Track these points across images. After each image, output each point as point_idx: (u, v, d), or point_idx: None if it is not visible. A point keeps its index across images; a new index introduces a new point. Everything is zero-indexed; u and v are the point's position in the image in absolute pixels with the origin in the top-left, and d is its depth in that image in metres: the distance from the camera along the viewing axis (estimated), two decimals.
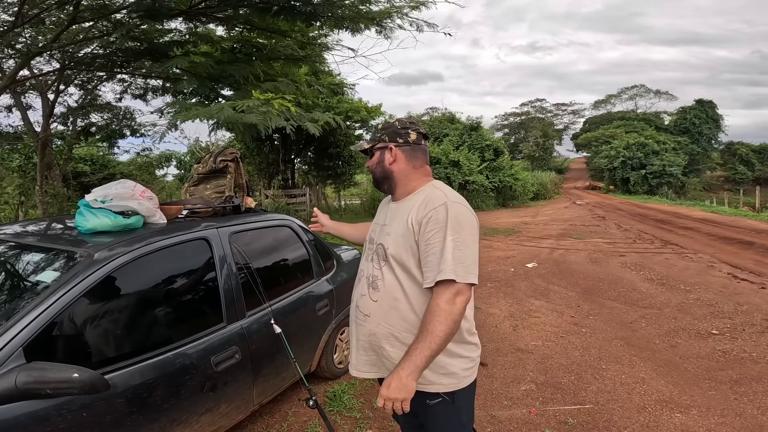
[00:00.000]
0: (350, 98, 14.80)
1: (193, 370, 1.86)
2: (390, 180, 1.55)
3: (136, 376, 1.67)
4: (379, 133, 1.57)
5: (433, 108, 39.83)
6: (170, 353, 1.81)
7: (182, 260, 2.06)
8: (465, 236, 1.37)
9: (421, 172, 1.54)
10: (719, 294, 5.26)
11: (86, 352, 1.64)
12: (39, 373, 1.27)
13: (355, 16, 5.18)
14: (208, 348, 1.95)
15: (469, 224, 1.40)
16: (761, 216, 14.96)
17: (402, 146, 1.53)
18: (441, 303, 1.31)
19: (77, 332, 1.61)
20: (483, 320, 4.50)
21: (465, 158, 19.03)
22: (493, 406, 2.88)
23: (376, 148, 1.57)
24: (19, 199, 10.72)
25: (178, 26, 5.98)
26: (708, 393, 3.00)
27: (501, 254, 8.00)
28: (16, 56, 6.55)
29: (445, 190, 1.48)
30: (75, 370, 1.28)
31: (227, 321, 2.09)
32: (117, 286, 1.75)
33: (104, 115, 10.91)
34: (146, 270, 1.88)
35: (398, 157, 1.53)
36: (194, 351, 1.90)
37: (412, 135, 1.54)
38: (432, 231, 1.36)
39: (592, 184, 39.58)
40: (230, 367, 2.01)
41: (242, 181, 2.60)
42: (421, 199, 1.45)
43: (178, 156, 19.19)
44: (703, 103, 38.73)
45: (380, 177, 1.57)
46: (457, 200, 1.42)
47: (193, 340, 1.92)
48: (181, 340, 1.88)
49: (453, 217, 1.36)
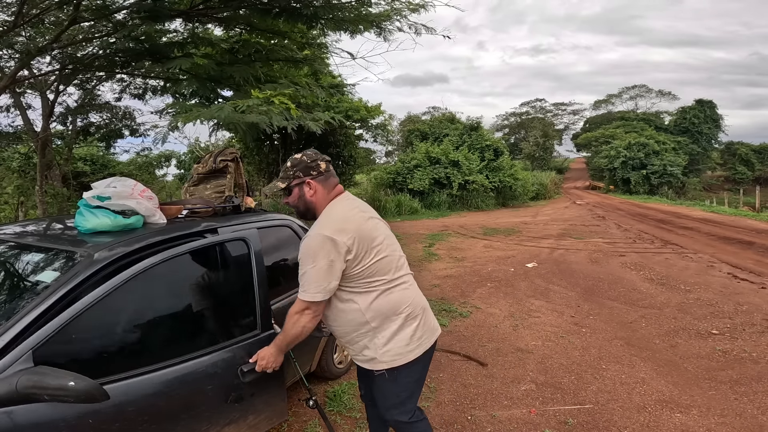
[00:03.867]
0: (350, 98, 14.80)
1: (217, 379, 1.76)
2: (311, 209, 1.77)
3: (151, 384, 1.60)
4: (292, 171, 1.75)
5: (434, 107, 39.82)
6: (191, 361, 1.73)
7: (219, 262, 1.98)
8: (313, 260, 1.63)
9: (334, 193, 1.78)
10: (719, 294, 5.26)
11: (101, 357, 1.59)
12: (38, 378, 1.25)
13: (355, 19, 5.18)
14: (238, 356, 1.84)
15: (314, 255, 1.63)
16: (761, 216, 14.96)
17: (317, 178, 1.73)
18: (291, 312, 1.68)
19: (94, 336, 1.56)
20: (483, 320, 4.50)
21: (465, 158, 19.02)
22: (493, 406, 2.88)
23: (294, 185, 1.75)
24: (18, 199, 10.72)
25: (178, 27, 5.98)
26: (708, 393, 3.00)
27: (501, 254, 8.01)
28: (15, 56, 6.54)
29: (321, 217, 1.73)
30: (72, 378, 1.26)
31: (261, 329, 1.96)
32: (143, 288, 1.69)
33: (103, 114, 10.91)
34: (176, 272, 1.82)
35: (316, 188, 1.73)
36: (219, 359, 1.79)
37: (321, 165, 1.75)
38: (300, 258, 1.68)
39: (592, 184, 39.56)
40: (258, 378, 1.85)
41: (242, 181, 2.60)
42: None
43: (178, 156, 19.20)
44: (703, 103, 38.68)
45: (303, 209, 1.78)
46: (316, 229, 1.66)
47: (221, 348, 1.83)
48: (209, 347, 1.80)
49: (308, 246, 1.64)
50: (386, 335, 1.72)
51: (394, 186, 18.82)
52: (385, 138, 19.83)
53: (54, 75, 7.78)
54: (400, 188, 18.58)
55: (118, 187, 1.98)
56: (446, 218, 15.27)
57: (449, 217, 15.91)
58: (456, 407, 2.87)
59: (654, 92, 52.35)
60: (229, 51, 6.02)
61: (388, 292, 1.72)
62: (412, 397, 1.85)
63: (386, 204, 16.31)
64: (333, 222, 1.68)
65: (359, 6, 5.11)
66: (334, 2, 4.95)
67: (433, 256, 7.90)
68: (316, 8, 4.77)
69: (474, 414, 2.79)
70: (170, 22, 5.49)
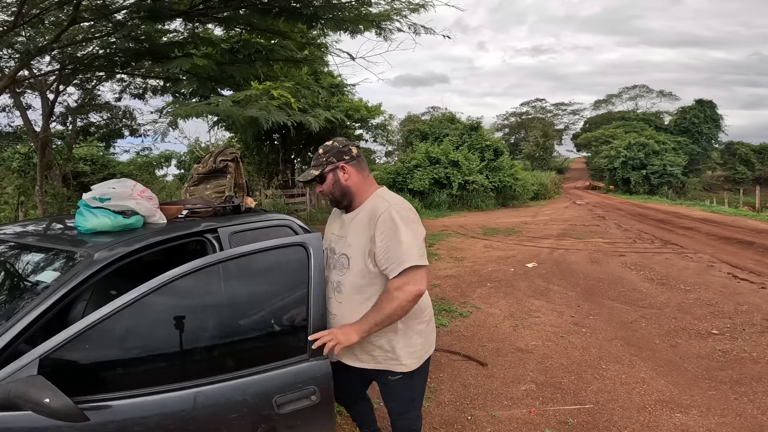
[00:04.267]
0: (350, 98, 14.80)
1: (243, 408, 1.52)
2: (348, 195, 1.72)
3: (164, 404, 1.44)
4: (324, 158, 1.70)
5: (434, 107, 39.85)
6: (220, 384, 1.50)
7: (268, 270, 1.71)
8: (410, 229, 1.59)
9: (369, 180, 1.75)
10: (719, 294, 5.26)
11: (113, 372, 1.48)
12: (25, 390, 1.23)
13: (355, 19, 5.19)
14: (273, 384, 1.56)
15: (413, 218, 1.64)
16: (761, 216, 14.95)
17: (350, 162, 1.70)
18: (391, 287, 1.56)
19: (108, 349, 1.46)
20: (483, 320, 4.50)
21: (464, 158, 19.02)
22: (493, 406, 2.88)
23: (327, 171, 1.70)
24: (19, 199, 10.72)
25: (178, 27, 5.98)
26: (708, 393, 3.00)
27: (501, 254, 8.00)
28: (15, 56, 6.55)
29: (387, 196, 1.69)
30: (49, 395, 1.21)
31: (311, 354, 1.63)
32: (170, 299, 1.53)
33: (103, 114, 10.92)
34: (212, 280, 1.61)
35: (351, 172, 1.70)
36: (247, 385, 1.53)
37: (353, 150, 1.72)
38: (382, 234, 1.58)
39: (592, 184, 39.56)
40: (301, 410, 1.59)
41: (242, 181, 2.59)
42: (369, 208, 1.67)
43: (178, 156, 19.20)
44: (703, 103, 38.68)
45: (340, 195, 1.72)
46: (398, 202, 1.66)
47: (252, 373, 1.55)
48: (241, 370, 1.54)
49: (399, 217, 1.59)
50: (410, 335, 1.69)
51: (394, 186, 18.81)
52: (385, 138, 19.84)
53: (54, 75, 7.79)
54: (400, 188, 18.59)
55: (117, 188, 1.98)
56: (446, 218, 15.27)
57: (449, 217, 15.91)
58: (456, 407, 2.87)
59: (654, 92, 52.39)
60: (230, 51, 6.03)
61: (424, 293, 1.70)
62: (422, 398, 1.87)
63: None
64: (404, 201, 1.69)
65: (359, 6, 5.12)
66: (334, 2, 4.95)
67: (433, 256, 7.90)
68: (316, 8, 4.77)
69: (474, 414, 2.79)
70: (170, 22, 5.49)
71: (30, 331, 1.43)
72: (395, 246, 1.55)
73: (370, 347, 1.69)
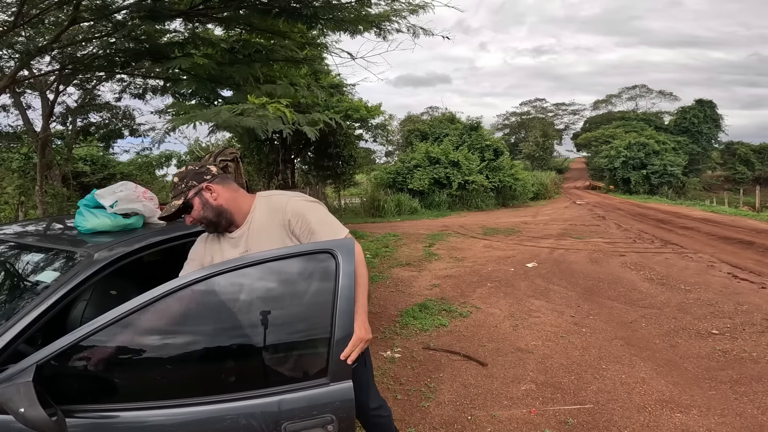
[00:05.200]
0: (350, 98, 14.81)
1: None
2: (224, 214, 1.58)
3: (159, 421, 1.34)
4: (183, 184, 1.57)
5: (433, 107, 39.84)
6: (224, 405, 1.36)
7: (290, 281, 1.50)
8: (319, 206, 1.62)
9: (241, 193, 1.64)
10: (719, 294, 5.26)
11: (110, 383, 1.42)
12: (10, 396, 1.20)
13: (355, 19, 5.19)
14: (283, 409, 1.36)
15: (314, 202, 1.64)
16: (761, 216, 14.96)
17: (213, 181, 1.59)
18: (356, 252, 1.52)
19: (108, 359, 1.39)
20: (483, 320, 4.50)
21: (464, 158, 19.03)
22: (493, 406, 2.88)
23: (192, 196, 1.56)
24: (19, 199, 10.73)
25: (178, 27, 5.98)
26: (708, 393, 3.00)
27: (501, 254, 8.01)
28: (15, 56, 6.54)
29: (273, 194, 1.66)
30: (24, 405, 1.17)
31: (332, 377, 1.39)
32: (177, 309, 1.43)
33: (103, 114, 10.92)
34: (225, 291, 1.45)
35: (218, 190, 1.58)
36: (260, 408, 1.35)
37: (212, 169, 1.62)
38: (300, 219, 1.56)
39: (592, 183, 39.56)
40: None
41: (242, 181, 2.60)
42: (266, 209, 1.60)
43: (178, 156, 19.18)
44: (703, 103, 38.69)
45: (215, 217, 1.57)
46: (290, 194, 1.64)
47: (271, 394, 1.37)
48: (249, 391, 1.38)
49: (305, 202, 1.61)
50: None
51: (394, 186, 18.83)
52: (385, 138, 19.84)
53: (54, 75, 7.78)
54: (400, 188, 18.59)
55: (124, 191, 1.99)
56: (446, 218, 15.28)
57: (449, 217, 15.91)
58: (456, 407, 2.87)
59: (654, 92, 52.41)
60: (229, 51, 6.02)
61: None
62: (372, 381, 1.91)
63: (386, 204, 16.32)
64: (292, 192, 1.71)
65: (359, 7, 5.12)
66: (334, 2, 4.95)
67: (433, 256, 7.90)
68: (316, 9, 4.77)
69: (474, 414, 2.79)
70: (170, 22, 5.49)
71: (30, 332, 1.43)
72: (322, 222, 1.57)
73: None
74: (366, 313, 1.48)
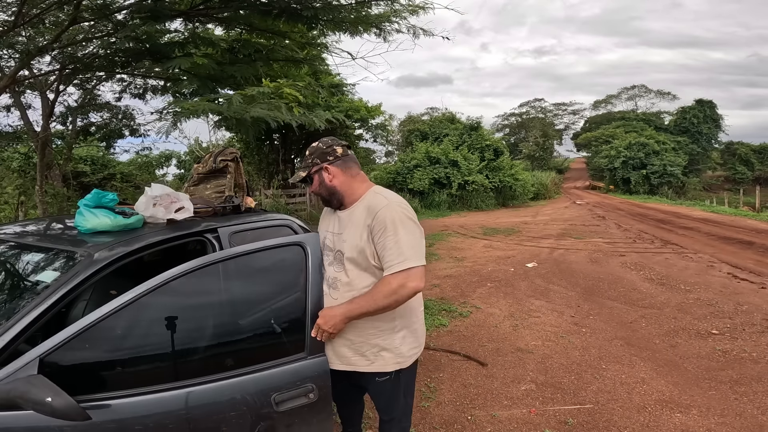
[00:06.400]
0: (350, 98, 14.81)
1: (242, 406, 1.54)
2: (336, 195, 1.73)
3: (162, 404, 1.45)
4: (310, 159, 1.74)
5: (433, 108, 39.81)
6: (207, 385, 1.52)
7: (268, 270, 1.76)
8: (411, 227, 1.60)
9: (359, 179, 1.74)
10: (719, 294, 5.26)
11: (112, 371, 1.49)
12: (25, 389, 1.23)
13: (355, 20, 5.19)
14: (272, 381, 1.59)
15: (412, 216, 1.64)
16: (761, 216, 14.96)
17: (334, 162, 1.71)
18: (393, 282, 1.55)
19: (106, 349, 1.47)
20: (483, 320, 4.50)
21: (464, 158, 19.02)
22: (493, 406, 2.88)
23: (313, 173, 1.74)
24: (19, 199, 10.72)
25: (178, 27, 5.98)
26: (708, 393, 3.00)
27: (501, 254, 8.00)
28: (15, 56, 6.54)
29: (384, 193, 1.70)
30: (51, 395, 1.22)
31: (309, 352, 1.68)
32: (168, 298, 1.55)
33: (103, 114, 10.92)
34: (210, 279, 1.62)
35: (335, 173, 1.71)
36: (247, 383, 1.56)
37: (338, 150, 1.73)
38: (382, 230, 1.58)
39: (592, 183, 39.55)
40: (298, 409, 1.62)
41: (242, 181, 2.59)
42: (366, 205, 1.67)
43: (178, 156, 19.20)
44: (703, 103, 38.66)
45: (327, 195, 1.74)
46: (398, 201, 1.66)
47: (252, 371, 1.58)
48: (239, 368, 1.57)
49: (399, 215, 1.59)
50: (406, 334, 1.70)
51: (394, 186, 18.82)
52: (385, 138, 19.84)
53: (54, 75, 7.78)
54: (400, 188, 18.59)
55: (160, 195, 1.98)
56: (446, 218, 15.28)
57: (449, 217, 15.91)
58: (456, 407, 2.87)
59: (653, 92, 52.35)
60: (230, 50, 6.03)
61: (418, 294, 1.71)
62: (411, 401, 1.87)
63: None
64: (402, 200, 1.70)
65: (359, 8, 5.12)
66: (334, 4, 4.95)
67: (433, 256, 7.90)
68: (317, 10, 4.77)
69: (474, 414, 2.79)
70: (170, 22, 5.49)
71: (30, 331, 1.43)
72: (396, 243, 1.55)
73: (363, 347, 1.68)
74: (352, 313, 1.59)
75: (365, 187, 1.73)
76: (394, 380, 1.72)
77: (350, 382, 1.83)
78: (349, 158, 1.75)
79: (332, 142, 1.75)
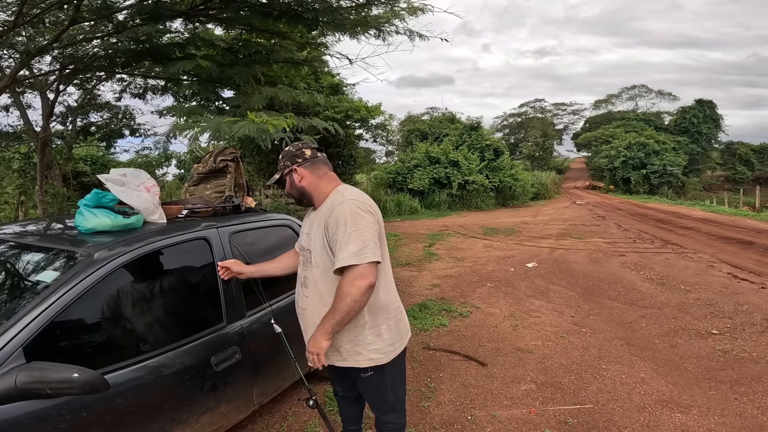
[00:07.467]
0: (350, 98, 14.81)
1: (193, 370, 1.87)
2: (305, 195, 1.80)
3: (136, 375, 1.68)
4: (282, 162, 1.82)
5: (433, 108, 39.79)
6: (170, 353, 1.83)
7: (182, 260, 2.07)
8: (363, 223, 1.61)
9: (326, 179, 1.79)
10: (719, 294, 5.26)
11: (86, 351, 1.65)
12: (39, 373, 1.28)
13: (355, 22, 5.19)
14: (209, 348, 1.97)
15: (364, 213, 1.64)
16: (761, 216, 14.95)
17: (302, 164, 1.78)
18: (344, 285, 1.57)
19: (77, 332, 1.63)
20: (483, 320, 4.50)
21: (464, 158, 19.02)
22: (493, 406, 2.88)
23: (285, 175, 1.82)
24: (19, 199, 10.72)
25: (178, 27, 5.98)
26: (708, 393, 3.00)
27: (501, 254, 8.01)
28: (15, 56, 6.54)
29: (344, 191, 1.72)
30: (75, 370, 1.29)
31: (227, 321, 2.11)
32: (117, 285, 1.76)
33: (103, 114, 10.92)
34: (146, 270, 1.88)
35: (303, 174, 1.78)
36: (194, 351, 1.91)
37: (306, 152, 1.80)
38: (334, 228, 1.62)
39: (592, 183, 39.57)
40: (230, 367, 2.02)
41: (242, 181, 2.60)
42: (329, 205, 1.71)
43: (178, 156, 19.20)
44: (703, 103, 38.68)
45: (298, 196, 1.82)
46: (352, 197, 1.67)
47: (193, 340, 1.94)
48: (181, 340, 1.90)
49: (349, 212, 1.61)
50: (378, 331, 1.72)
51: (394, 186, 18.83)
52: (385, 138, 19.84)
53: (54, 75, 7.78)
54: (400, 188, 18.59)
55: (130, 177, 2.05)
56: (446, 218, 15.27)
57: (449, 216, 15.91)
58: (456, 407, 2.87)
59: (654, 92, 52.36)
60: (229, 50, 6.02)
61: (385, 289, 1.75)
62: (401, 394, 1.90)
63: (386, 204, 16.31)
64: (360, 195, 1.71)
65: (359, 10, 5.12)
66: (335, 6, 4.95)
67: (433, 256, 7.90)
68: (317, 11, 4.77)
69: (474, 414, 2.79)
70: (171, 23, 5.49)
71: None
72: (346, 241, 1.58)
73: (337, 343, 1.71)
74: (326, 331, 1.60)
75: (332, 187, 1.78)
76: (378, 375, 1.76)
77: (346, 379, 1.90)
78: (318, 160, 1.80)
79: (302, 146, 1.82)
